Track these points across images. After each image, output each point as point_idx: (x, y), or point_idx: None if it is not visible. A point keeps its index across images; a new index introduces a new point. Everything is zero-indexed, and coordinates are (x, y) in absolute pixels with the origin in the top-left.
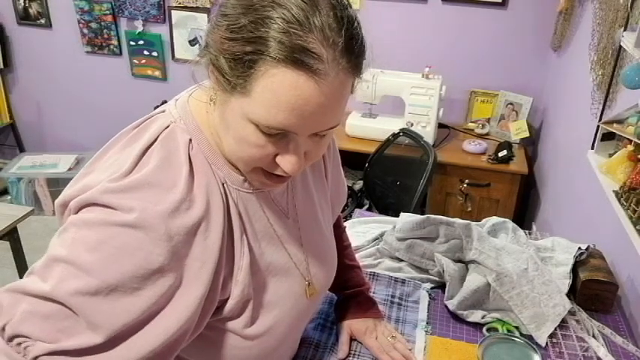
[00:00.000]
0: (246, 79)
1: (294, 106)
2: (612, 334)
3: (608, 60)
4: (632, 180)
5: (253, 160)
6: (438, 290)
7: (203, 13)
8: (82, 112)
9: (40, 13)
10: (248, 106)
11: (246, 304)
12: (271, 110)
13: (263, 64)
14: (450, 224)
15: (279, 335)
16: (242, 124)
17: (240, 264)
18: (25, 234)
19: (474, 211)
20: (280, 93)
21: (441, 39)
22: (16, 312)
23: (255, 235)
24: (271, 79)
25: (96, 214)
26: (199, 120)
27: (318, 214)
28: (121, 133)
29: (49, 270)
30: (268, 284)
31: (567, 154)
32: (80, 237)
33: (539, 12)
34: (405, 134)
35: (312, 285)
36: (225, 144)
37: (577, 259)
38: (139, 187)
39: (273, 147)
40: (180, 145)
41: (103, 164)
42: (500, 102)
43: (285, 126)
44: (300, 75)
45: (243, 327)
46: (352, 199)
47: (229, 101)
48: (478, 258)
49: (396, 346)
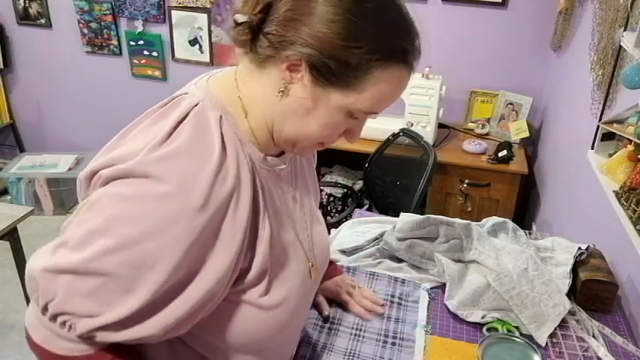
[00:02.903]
0: (360, 77)
1: (396, 96)
2: (612, 334)
3: (608, 60)
4: (632, 180)
5: (328, 138)
6: (438, 290)
7: (203, 13)
8: (82, 112)
9: (40, 13)
10: (354, 99)
11: (263, 275)
12: (376, 101)
13: (382, 67)
14: (450, 224)
15: (291, 309)
16: (335, 113)
17: (262, 235)
18: (25, 234)
19: (474, 211)
20: (390, 87)
21: (441, 39)
22: (56, 290)
23: (275, 211)
24: (386, 74)
25: (134, 187)
26: (224, 100)
27: (312, 200)
28: (146, 112)
29: (87, 244)
30: (281, 260)
31: (567, 154)
32: (119, 211)
33: (539, 12)
34: (405, 134)
35: (315, 267)
36: (291, 127)
37: (577, 259)
38: (176, 156)
39: (347, 126)
40: (211, 120)
41: (133, 138)
42: (500, 102)
43: (379, 110)
44: (405, 70)
45: (258, 297)
46: (352, 199)
47: (327, 96)
48: (478, 258)
49: (364, 294)
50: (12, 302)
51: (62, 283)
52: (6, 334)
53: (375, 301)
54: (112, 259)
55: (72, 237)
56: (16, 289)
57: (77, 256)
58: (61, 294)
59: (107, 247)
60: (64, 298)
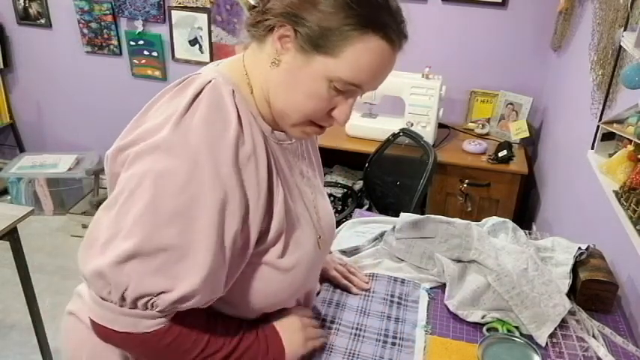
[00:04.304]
0: (340, 44)
1: (376, 69)
2: (612, 334)
3: (608, 60)
4: (632, 180)
5: (314, 111)
6: (438, 290)
7: (203, 13)
8: (82, 112)
9: (40, 13)
10: (334, 65)
11: (279, 236)
12: (355, 71)
13: (360, 34)
14: (450, 224)
15: (303, 274)
16: (319, 81)
17: (277, 199)
18: (25, 234)
19: (474, 211)
20: (369, 57)
21: (441, 39)
22: (127, 279)
23: (285, 179)
24: (364, 45)
25: (164, 162)
26: (233, 77)
27: (317, 177)
28: (163, 90)
29: (138, 227)
30: (293, 225)
31: (567, 154)
32: (160, 189)
33: (539, 12)
34: (405, 134)
35: (323, 239)
36: (281, 99)
37: (577, 259)
38: (198, 128)
39: (334, 102)
40: (224, 94)
41: (153, 114)
42: (500, 102)
43: (361, 83)
44: (385, 44)
45: (277, 257)
46: (352, 199)
47: (311, 62)
48: (478, 258)
49: (349, 269)
50: (12, 302)
51: (129, 270)
52: (6, 334)
53: (360, 278)
54: (165, 233)
55: (121, 227)
56: (16, 289)
57: (133, 241)
58: (133, 280)
59: (157, 223)
60: (137, 282)
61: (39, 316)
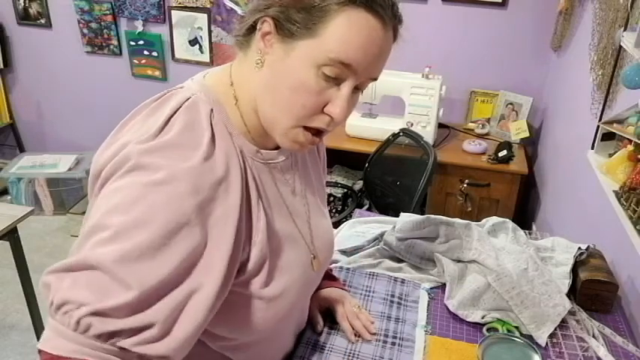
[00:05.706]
0: (321, 21)
1: (364, 43)
2: (612, 334)
3: (608, 60)
4: (632, 180)
5: (304, 108)
6: (438, 290)
7: (203, 13)
8: (82, 112)
9: (40, 13)
10: (318, 46)
11: (262, 265)
12: (342, 45)
13: (339, 7)
14: (450, 224)
15: (291, 299)
16: (305, 70)
17: (258, 226)
18: (25, 234)
19: (474, 211)
20: (354, 30)
21: (441, 39)
22: (62, 286)
23: (269, 202)
24: (346, 17)
25: (126, 179)
26: (218, 91)
27: (316, 195)
28: (140, 106)
29: (85, 240)
30: (280, 250)
31: (567, 154)
32: (112, 203)
33: (539, 12)
34: (405, 134)
35: (317, 259)
36: (268, 102)
37: (577, 259)
38: (166, 147)
39: (326, 95)
40: (202, 113)
41: (127, 131)
42: (500, 102)
43: (352, 61)
44: (371, 17)
45: (260, 287)
46: (352, 199)
47: (294, 49)
48: (478, 258)
49: (360, 316)
50: (12, 302)
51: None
52: (6, 334)
53: (367, 327)
54: (105, 250)
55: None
56: (16, 289)
57: (80, 254)
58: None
59: (102, 239)
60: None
61: (39, 316)
